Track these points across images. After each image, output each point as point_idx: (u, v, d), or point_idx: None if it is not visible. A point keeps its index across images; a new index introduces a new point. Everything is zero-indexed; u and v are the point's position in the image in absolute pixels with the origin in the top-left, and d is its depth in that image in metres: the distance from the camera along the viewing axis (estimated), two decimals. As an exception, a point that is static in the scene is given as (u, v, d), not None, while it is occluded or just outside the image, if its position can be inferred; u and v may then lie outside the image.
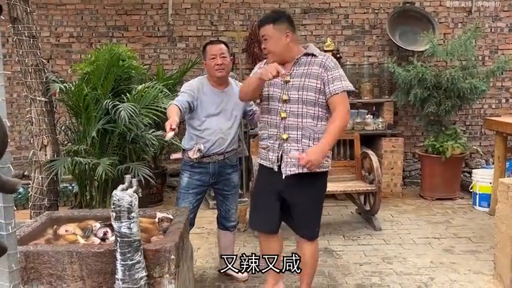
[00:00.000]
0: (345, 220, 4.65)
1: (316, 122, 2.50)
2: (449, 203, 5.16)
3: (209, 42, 3.01)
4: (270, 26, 2.49)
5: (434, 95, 5.01)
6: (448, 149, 5.00)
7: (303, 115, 2.48)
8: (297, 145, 2.51)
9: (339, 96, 2.45)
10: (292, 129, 2.50)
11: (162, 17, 5.76)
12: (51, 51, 5.75)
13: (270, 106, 2.56)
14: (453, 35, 5.78)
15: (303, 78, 2.47)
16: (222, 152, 3.00)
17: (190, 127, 2.98)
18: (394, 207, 5.02)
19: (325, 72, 2.45)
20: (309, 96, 2.46)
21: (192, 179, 3.00)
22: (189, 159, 2.96)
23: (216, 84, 2.95)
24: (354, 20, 5.85)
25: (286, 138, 2.51)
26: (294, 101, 2.48)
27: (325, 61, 2.48)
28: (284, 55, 2.52)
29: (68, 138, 3.79)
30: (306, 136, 2.50)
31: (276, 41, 2.49)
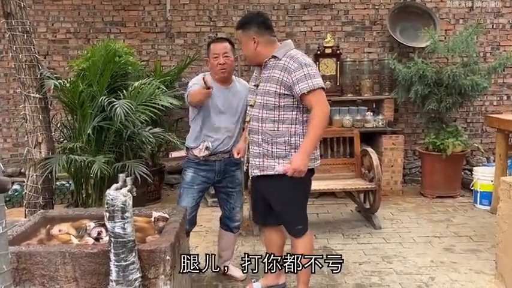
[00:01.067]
0: (344, 218, 4.60)
1: (277, 125, 2.51)
2: (449, 201, 5.11)
3: (214, 40, 2.97)
4: (240, 31, 2.58)
5: (435, 91, 4.95)
6: (449, 147, 4.95)
7: (263, 119, 2.52)
8: (258, 148, 2.57)
9: (310, 96, 2.40)
10: (254, 133, 2.58)
11: (160, 12, 5.69)
12: (48, 47, 5.69)
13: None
14: (454, 31, 5.71)
15: (266, 82, 2.50)
16: (228, 150, 2.97)
17: (196, 125, 2.93)
18: (394, 205, 4.97)
19: (289, 75, 2.41)
20: (268, 101, 2.47)
21: (197, 174, 2.97)
22: (194, 157, 2.93)
23: (221, 82, 2.91)
24: (354, 16, 5.78)
25: (249, 141, 2.62)
26: (257, 106, 2.53)
27: (287, 64, 2.44)
28: (254, 59, 2.59)
29: (63, 136, 3.74)
30: (265, 140, 2.53)
31: (245, 46, 2.57)
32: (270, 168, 2.55)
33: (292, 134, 2.51)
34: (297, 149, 2.48)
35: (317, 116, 2.40)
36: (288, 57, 2.48)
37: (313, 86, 2.40)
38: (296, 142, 2.52)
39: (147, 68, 5.47)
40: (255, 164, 2.60)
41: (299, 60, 2.45)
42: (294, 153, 2.48)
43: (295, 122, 2.52)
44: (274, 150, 2.53)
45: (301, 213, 2.68)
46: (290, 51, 2.51)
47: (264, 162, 2.57)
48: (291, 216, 2.67)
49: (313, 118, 2.41)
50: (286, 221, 2.71)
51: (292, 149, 2.51)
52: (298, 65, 2.43)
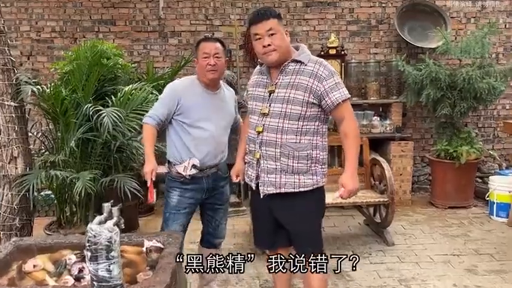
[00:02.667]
0: (352, 233, 4.26)
1: (300, 137, 2.23)
2: (463, 211, 4.79)
3: (203, 39, 2.68)
4: (275, 20, 2.20)
5: (449, 95, 4.62)
6: (462, 155, 4.63)
7: (283, 130, 2.21)
8: (275, 163, 2.24)
9: (343, 106, 2.20)
10: (270, 146, 2.24)
11: (152, 10, 5.31)
12: (32, 47, 5.29)
13: (251, 120, 2.35)
14: (465, 31, 5.40)
15: (289, 89, 2.20)
16: (216, 164, 2.67)
17: (177, 136, 2.58)
18: (404, 217, 4.64)
19: (319, 84, 2.17)
20: (293, 110, 2.19)
21: (183, 197, 2.62)
22: (178, 175, 2.58)
23: (207, 86, 2.61)
24: (360, 15, 5.44)
25: (260, 155, 2.28)
26: (275, 115, 2.22)
27: (316, 71, 2.19)
28: (286, 55, 2.24)
29: (45, 147, 3.36)
30: (284, 154, 2.22)
31: (282, 36, 2.21)
32: (289, 185, 2.25)
33: (314, 147, 2.25)
34: (318, 163, 2.26)
35: (354, 128, 2.23)
36: (315, 63, 2.22)
37: (345, 95, 2.20)
38: (318, 156, 2.26)
39: (139, 69, 5.09)
40: (270, 181, 2.27)
41: (329, 68, 2.22)
42: (314, 167, 2.25)
43: (317, 133, 2.26)
44: (295, 165, 2.23)
45: (318, 232, 2.41)
46: (313, 57, 2.27)
47: (282, 179, 2.25)
48: (308, 235, 2.36)
49: (349, 131, 2.21)
50: (301, 241, 2.37)
51: (313, 163, 2.25)
52: (329, 73, 2.19)
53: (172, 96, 2.54)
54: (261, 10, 2.22)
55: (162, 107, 2.53)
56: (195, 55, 2.63)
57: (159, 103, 2.58)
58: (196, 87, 2.59)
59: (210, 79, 2.56)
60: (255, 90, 2.35)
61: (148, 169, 2.45)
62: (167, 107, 2.52)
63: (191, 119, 2.53)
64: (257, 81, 2.36)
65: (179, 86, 2.60)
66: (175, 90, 2.56)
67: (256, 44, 2.22)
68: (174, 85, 2.62)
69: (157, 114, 2.52)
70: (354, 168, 2.21)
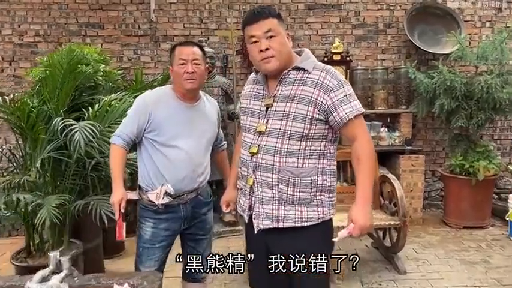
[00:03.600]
0: (360, 258, 3.84)
1: (302, 161, 1.82)
2: (480, 232, 4.39)
3: (179, 43, 2.29)
4: (275, 20, 1.80)
5: (464, 106, 4.23)
6: (479, 170, 4.23)
7: (282, 152, 1.81)
8: (271, 191, 1.85)
9: (353, 124, 1.79)
10: (266, 170, 1.85)
11: (143, 13, 4.94)
12: (14, 52, 4.92)
13: (245, 139, 1.95)
14: (480, 36, 5.02)
15: (289, 102, 1.81)
16: (195, 188, 2.30)
17: (148, 158, 2.22)
18: (416, 239, 4.23)
19: (325, 95, 1.77)
20: (294, 127, 1.80)
21: (158, 228, 2.26)
22: (151, 203, 2.21)
23: (184, 98, 2.26)
24: (366, 18, 5.05)
25: (254, 181, 1.88)
26: (274, 133, 1.83)
27: (322, 80, 1.78)
28: (287, 62, 1.84)
29: (13, 165, 2.97)
30: (284, 181, 1.82)
31: (283, 40, 1.81)
32: (289, 218, 1.85)
33: (319, 172, 1.84)
34: (324, 192, 1.87)
35: (368, 150, 1.82)
36: (321, 70, 1.80)
37: (357, 110, 1.79)
38: (324, 183, 1.86)
39: (128, 76, 4.73)
40: (266, 212, 1.87)
41: (337, 76, 1.81)
42: (320, 197, 1.85)
43: (323, 156, 1.85)
44: (296, 194, 1.82)
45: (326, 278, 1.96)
46: (318, 63, 1.85)
47: (279, 210, 1.85)
48: (312, 282, 1.92)
49: (362, 153, 1.80)
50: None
51: (318, 192, 1.85)
52: (337, 83, 1.78)
53: (142, 110, 2.18)
54: (257, 8, 1.84)
55: (131, 124, 2.19)
56: (170, 62, 2.27)
57: (127, 119, 2.22)
58: (170, 100, 2.23)
59: (188, 89, 2.21)
60: (249, 103, 1.96)
61: (116, 199, 2.11)
62: (137, 123, 2.17)
63: (164, 136, 2.18)
64: (252, 93, 1.97)
65: (150, 98, 2.23)
66: (145, 103, 2.20)
67: (251, 49, 1.83)
68: (144, 97, 2.25)
69: (126, 132, 2.19)
70: (366, 200, 1.78)
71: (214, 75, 4.44)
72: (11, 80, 4.92)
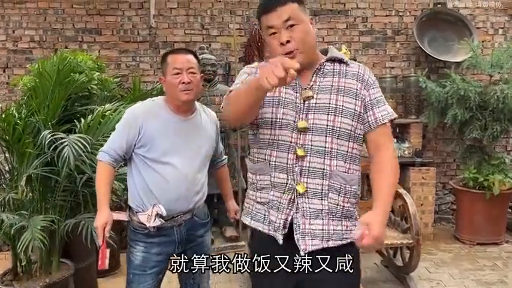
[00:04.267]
0: (369, 277, 3.63)
1: (349, 165, 1.56)
2: (494, 249, 4.17)
3: (172, 51, 2.11)
4: (295, 5, 1.51)
5: (479, 116, 4.03)
6: (494, 184, 4.02)
7: (332, 154, 1.53)
8: (321, 203, 1.54)
9: (385, 129, 1.60)
10: (314, 176, 1.54)
11: (142, 18, 4.77)
12: (8, 59, 4.75)
13: (276, 137, 1.58)
14: (493, 43, 4.83)
15: (334, 94, 1.56)
16: (190, 209, 2.10)
17: (139, 176, 2.04)
18: (428, 256, 4.01)
19: (365, 90, 1.58)
20: (343, 124, 1.54)
21: (149, 253, 2.06)
22: (141, 226, 2.02)
23: (178, 110, 2.07)
24: (374, 24, 4.88)
25: (303, 190, 1.53)
26: (320, 131, 1.54)
27: (363, 73, 1.60)
28: (313, 57, 1.57)
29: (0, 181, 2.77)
30: (335, 189, 1.54)
31: (308, 29, 1.52)
32: (337, 236, 1.57)
33: (359, 180, 1.62)
34: (358, 203, 1.63)
35: (395, 161, 1.61)
36: (358, 65, 1.64)
37: (392, 114, 1.63)
38: (359, 193, 1.64)
39: (126, 84, 4.54)
40: (313, 229, 1.55)
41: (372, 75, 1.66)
42: (356, 209, 1.62)
43: (359, 161, 1.62)
44: (346, 205, 1.57)
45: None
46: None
47: (330, 226, 1.56)
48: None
49: (388, 162, 1.58)
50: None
51: (357, 203, 1.63)
52: (375, 80, 1.64)
53: (132, 124, 2.00)
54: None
55: (119, 138, 2.01)
56: (162, 72, 2.08)
57: (115, 133, 2.04)
58: (162, 112, 2.05)
59: (184, 101, 2.02)
60: (279, 91, 1.58)
61: (100, 223, 1.92)
62: (126, 137, 1.99)
63: (155, 152, 1.99)
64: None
65: (140, 110, 2.05)
66: (135, 116, 2.02)
67: (270, 42, 1.55)
68: (134, 109, 2.07)
69: (114, 148, 2.01)
70: (385, 213, 1.51)
71: (215, 83, 4.26)
72: (4, 88, 4.76)
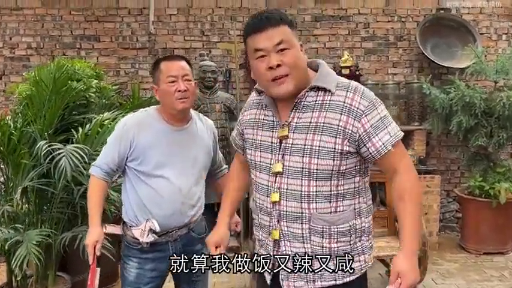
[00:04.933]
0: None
1: (336, 204, 1.46)
2: (501, 259, 4.09)
3: (164, 58, 2.02)
4: (287, 28, 1.42)
5: (484, 123, 3.96)
6: (500, 193, 3.94)
7: (310, 197, 1.46)
8: (302, 246, 1.50)
9: (393, 154, 1.44)
10: (293, 220, 1.49)
11: (141, 24, 4.71)
12: (5, 66, 4.70)
13: (257, 179, 1.58)
14: (496, 49, 4.78)
15: (310, 133, 1.44)
16: (186, 224, 2.02)
17: (132, 190, 1.97)
18: (433, 267, 3.92)
19: (356, 122, 1.42)
20: (320, 165, 1.43)
21: (143, 269, 1.99)
22: (135, 241, 1.95)
23: (172, 120, 1.99)
24: (376, 30, 4.82)
25: (279, 235, 1.52)
26: (295, 173, 1.46)
27: (350, 102, 1.43)
28: (303, 81, 1.46)
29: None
30: (317, 231, 1.48)
31: (297, 53, 1.43)
32: (327, 276, 1.50)
33: (357, 215, 1.50)
34: (364, 236, 1.53)
35: (413, 185, 1.46)
36: (346, 89, 1.45)
37: (396, 136, 1.44)
38: (363, 226, 1.52)
39: (126, 91, 4.48)
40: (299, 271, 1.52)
41: (367, 95, 1.45)
42: (360, 243, 1.52)
43: (359, 193, 1.50)
44: (333, 246, 1.49)
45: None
46: (341, 80, 1.50)
47: (314, 267, 1.51)
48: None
49: (406, 190, 1.44)
50: None
51: (357, 238, 1.51)
52: (369, 103, 1.43)
53: (124, 136, 1.93)
54: (265, 13, 1.44)
55: (111, 152, 1.95)
56: (153, 80, 2.00)
57: (107, 146, 1.98)
58: (155, 123, 1.97)
59: (180, 110, 1.94)
60: (256, 133, 1.57)
61: (91, 241, 1.88)
62: (117, 150, 1.93)
63: (148, 165, 1.92)
64: (258, 120, 1.58)
65: (132, 121, 1.98)
66: (127, 128, 1.95)
67: (257, 65, 1.44)
68: (126, 121, 2.00)
69: (106, 162, 1.95)
70: (415, 249, 1.43)
71: (216, 90, 4.18)
72: (0, 96, 4.68)
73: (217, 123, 4.06)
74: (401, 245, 1.43)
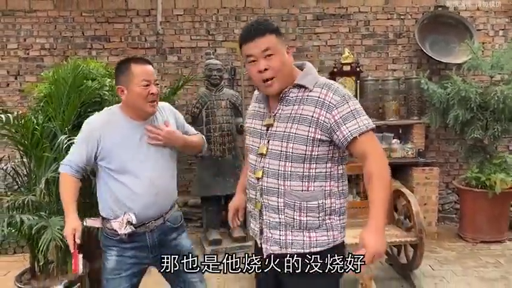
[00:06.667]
0: (375, 275, 3.70)
1: (308, 184, 1.71)
2: (497, 247, 4.24)
3: (134, 60, 2.07)
4: (273, 36, 1.67)
5: (480, 117, 4.12)
6: (496, 183, 4.10)
7: (285, 175, 1.72)
8: (278, 216, 1.76)
9: (361, 140, 1.66)
10: (271, 194, 1.77)
11: (149, 25, 4.90)
12: (19, 66, 4.89)
13: (249, 160, 1.89)
14: (493, 45, 4.91)
15: (289, 123, 1.71)
16: (162, 215, 2.13)
17: (106, 187, 2.05)
18: (431, 254, 4.10)
19: (329, 113, 1.65)
20: (296, 150, 1.69)
21: (123, 256, 2.09)
22: (113, 232, 2.05)
23: (138, 118, 2.07)
24: (376, 28, 4.98)
25: (261, 205, 1.80)
26: (275, 155, 1.74)
27: (323, 97, 1.68)
28: (288, 80, 1.73)
29: (18, 184, 2.89)
30: (289, 205, 1.73)
31: (282, 57, 1.69)
32: (297, 244, 1.75)
33: (326, 195, 1.73)
34: (333, 215, 1.75)
35: (379, 168, 1.66)
36: (322, 87, 1.70)
37: (365, 126, 1.66)
38: (332, 206, 1.74)
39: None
40: (274, 238, 1.78)
41: (340, 92, 1.68)
42: (329, 221, 1.74)
43: (330, 177, 1.73)
44: (303, 219, 1.72)
45: None
46: (320, 79, 1.75)
47: (287, 236, 1.76)
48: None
49: (373, 172, 1.65)
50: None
51: (326, 215, 1.73)
52: (340, 99, 1.66)
53: (90, 138, 2.01)
54: (253, 24, 1.70)
55: (78, 152, 2.03)
56: (121, 81, 2.03)
57: (75, 146, 2.06)
58: (121, 121, 2.05)
59: (151, 113, 2.05)
60: (252, 122, 1.88)
61: (68, 231, 1.95)
62: (85, 150, 2.01)
63: (117, 163, 2.00)
64: (254, 112, 1.89)
65: (97, 124, 2.05)
66: (92, 129, 2.02)
67: (250, 68, 1.72)
68: (90, 122, 2.07)
69: (74, 160, 2.03)
70: (379, 223, 1.62)
71: (222, 87, 4.36)
72: (16, 95, 4.88)
73: (222, 118, 4.25)
74: (368, 221, 1.62)
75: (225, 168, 4.28)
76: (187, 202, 4.90)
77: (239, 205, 2.12)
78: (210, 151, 4.24)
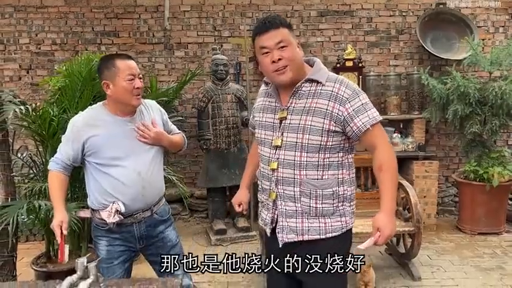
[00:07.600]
0: (375, 264, 3.80)
1: (322, 173, 1.83)
2: (494, 239, 4.36)
3: (117, 56, 2.12)
4: (286, 30, 1.79)
5: (478, 112, 4.22)
6: (494, 176, 4.21)
7: (301, 165, 1.83)
8: (294, 205, 1.87)
9: (372, 132, 1.80)
10: (287, 184, 1.87)
11: (157, 21, 5.02)
12: (31, 60, 5.03)
13: (262, 152, 1.97)
14: (493, 41, 5.01)
15: (304, 115, 1.82)
16: (149, 207, 2.21)
17: (94, 180, 2.12)
18: (430, 245, 4.22)
19: (341, 106, 1.78)
20: (312, 140, 1.80)
21: (113, 245, 2.18)
22: (102, 222, 2.13)
23: (123, 113, 2.13)
24: (378, 24, 5.08)
25: (276, 195, 1.90)
26: (291, 147, 1.84)
27: (336, 91, 1.79)
28: (300, 72, 1.84)
29: (34, 173, 3.03)
30: (305, 194, 1.84)
31: (294, 50, 1.81)
32: (313, 231, 1.87)
33: (340, 183, 1.85)
34: (345, 202, 1.88)
35: (389, 158, 1.82)
36: (335, 81, 1.81)
37: (374, 119, 1.79)
38: (345, 193, 1.86)
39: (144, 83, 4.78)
40: (290, 226, 1.88)
41: (351, 86, 1.81)
42: (342, 207, 1.86)
43: (342, 166, 1.86)
44: (319, 206, 1.84)
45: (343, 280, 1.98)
46: (331, 74, 1.87)
47: (304, 223, 1.87)
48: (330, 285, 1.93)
49: (384, 162, 1.80)
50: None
51: (340, 202, 1.86)
52: (352, 92, 1.79)
53: (75, 137, 2.07)
54: (268, 18, 1.81)
55: (65, 150, 2.10)
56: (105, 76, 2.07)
57: (62, 145, 2.13)
58: (107, 118, 2.10)
59: (136, 105, 2.11)
60: (263, 116, 1.96)
61: (56, 224, 2.02)
62: (71, 149, 2.08)
63: (105, 158, 2.06)
64: (264, 106, 1.97)
65: (81, 123, 2.09)
66: (76, 129, 2.07)
67: (263, 60, 1.81)
68: (75, 122, 2.11)
69: (61, 158, 2.10)
70: (391, 209, 1.79)
71: (227, 82, 4.49)
72: (28, 88, 5.02)
73: (228, 112, 4.39)
74: (381, 206, 1.78)
75: (231, 160, 4.42)
76: (194, 193, 5.04)
77: (242, 199, 2.23)
78: (216, 144, 4.38)
